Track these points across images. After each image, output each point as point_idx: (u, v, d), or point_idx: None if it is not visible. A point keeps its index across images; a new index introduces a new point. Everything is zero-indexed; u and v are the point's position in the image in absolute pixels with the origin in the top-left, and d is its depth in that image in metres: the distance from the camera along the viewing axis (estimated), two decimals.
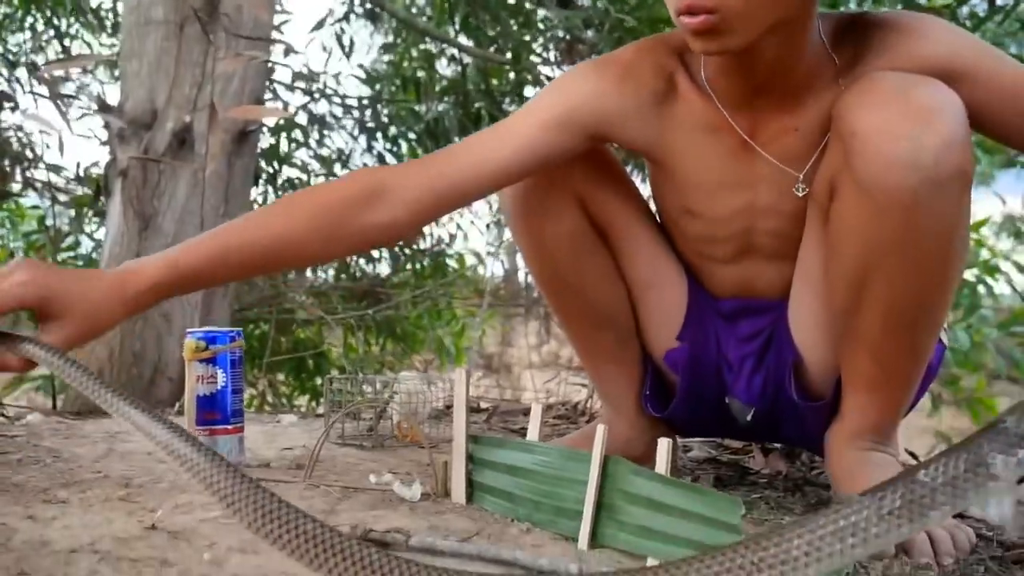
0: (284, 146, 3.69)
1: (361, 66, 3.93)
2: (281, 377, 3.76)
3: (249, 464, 1.16)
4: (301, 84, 3.54)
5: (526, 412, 1.84)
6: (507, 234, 4.23)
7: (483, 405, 2.02)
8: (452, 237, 4.00)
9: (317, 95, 3.66)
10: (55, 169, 3.10)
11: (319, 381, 3.53)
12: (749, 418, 1.18)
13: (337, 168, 3.71)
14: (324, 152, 3.75)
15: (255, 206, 3.14)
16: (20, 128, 3.04)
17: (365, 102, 3.77)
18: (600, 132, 1.09)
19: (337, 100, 3.74)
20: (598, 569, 0.81)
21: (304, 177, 3.71)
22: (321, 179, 3.69)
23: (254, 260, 1.04)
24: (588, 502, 0.88)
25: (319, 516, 0.67)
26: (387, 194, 1.05)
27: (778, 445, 1.43)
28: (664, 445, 0.83)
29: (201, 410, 1.11)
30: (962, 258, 0.99)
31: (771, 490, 1.27)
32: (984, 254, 3.09)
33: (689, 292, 1.19)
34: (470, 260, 4.25)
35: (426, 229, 3.93)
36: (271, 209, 1.13)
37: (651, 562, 0.83)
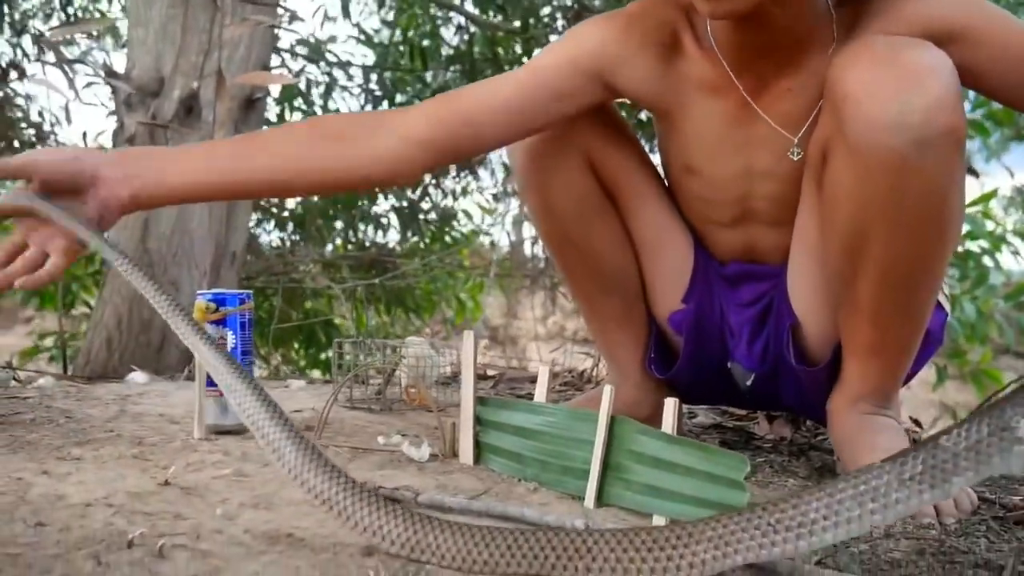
0: (288, 115, 3.68)
1: (357, 24, 3.91)
2: (291, 355, 3.78)
3: None
4: (305, 51, 3.51)
5: (532, 379, 1.85)
6: (513, 205, 4.22)
7: (490, 373, 2.03)
8: (454, 195, 4.01)
9: (323, 64, 3.64)
10: (59, 144, 3.10)
11: (330, 353, 3.54)
12: (749, 383, 1.19)
13: None
14: None
15: None
16: (28, 97, 3.04)
17: (371, 69, 3.76)
18: (606, 79, 1.09)
19: (341, 67, 3.73)
20: (604, 526, 0.82)
21: None
22: None
23: (257, 159, 1.07)
24: (595, 461, 0.89)
25: None
26: (393, 125, 1.07)
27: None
28: (671, 404, 0.84)
29: None
30: (957, 219, 0.99)
31: (776, 454, 1.28)
32: (990, 226, 3.07)
33: (695, 255, 1.20)
34: (477, 216, 4.25)
35: (433, 195, 3.93)
36: (283, 126, 1.18)
37: (657, 520, 0.84)
